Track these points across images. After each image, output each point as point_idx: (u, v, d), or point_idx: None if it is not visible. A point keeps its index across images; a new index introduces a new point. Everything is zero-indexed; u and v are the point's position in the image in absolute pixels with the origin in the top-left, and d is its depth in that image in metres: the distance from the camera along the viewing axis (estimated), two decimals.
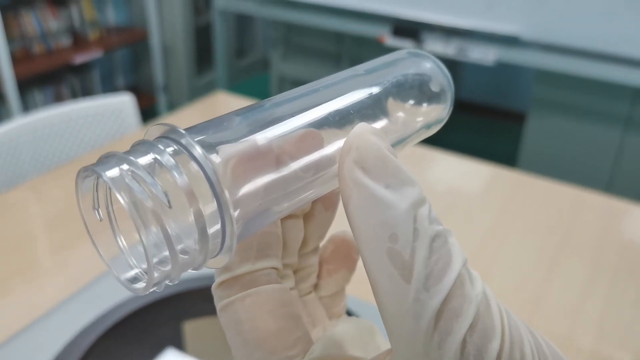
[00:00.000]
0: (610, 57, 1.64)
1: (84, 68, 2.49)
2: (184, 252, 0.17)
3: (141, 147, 0.17)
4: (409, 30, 1.88)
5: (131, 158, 0.17)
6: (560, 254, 0.79)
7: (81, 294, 0.67)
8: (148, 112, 2.71)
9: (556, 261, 0.77)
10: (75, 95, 2.47)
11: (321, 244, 0.26)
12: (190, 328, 0.59)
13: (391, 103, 0.23)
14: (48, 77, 2.34)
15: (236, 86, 3.07)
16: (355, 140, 0.18)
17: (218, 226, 0.17)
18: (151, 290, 0.17)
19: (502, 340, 0.16)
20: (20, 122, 1.09)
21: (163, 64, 2.73)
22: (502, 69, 2.45)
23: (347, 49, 2.34)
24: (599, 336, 0.66)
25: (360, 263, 0.20)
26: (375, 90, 0.23)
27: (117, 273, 0.18)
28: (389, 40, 1.91)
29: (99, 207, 0.18)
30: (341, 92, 0.22)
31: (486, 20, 1.77)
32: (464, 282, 0.17)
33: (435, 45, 1.84)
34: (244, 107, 0.20)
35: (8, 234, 0.82)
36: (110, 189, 0.18)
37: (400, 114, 0.23)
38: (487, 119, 2.87)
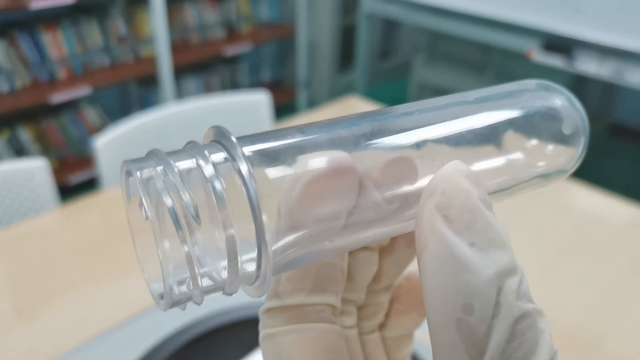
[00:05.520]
0: None
1: (233, 60, 2.63)
2: (213, 273, 0.15)
3: (190, 149, 0.16)
4: (561, 46, 1.78)
5: (170, 160, 0.15)
6: None
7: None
8: (288, 108, 2.81)
9: None
10: (223, 84, 2.62)
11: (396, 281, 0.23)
12: None
13: (508, 139, 0.19)
14: (201, 66, 2.51)
15: (375, 87, 3.09)
16: (442, 183, 0.15)
17: (254, 254, 0.15)
18: (169, 308, 0.15)
19: None
20: (172, 110, 1.19)
21: (307, 61, 2.82)
22: None
23: (492, 61, 2.27)
24: None
25: None
26: (491, 121, 0.19)
27: (149, 281, 0.16)
28: (537, 55, 1.82)
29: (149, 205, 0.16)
30: (446, 118, 0.19)
31: None
32: None
33: (589, 64, 1.72)
34: (330, 119, 0.18)
35: None
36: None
37: (518, 155, 0.19)
38: None
